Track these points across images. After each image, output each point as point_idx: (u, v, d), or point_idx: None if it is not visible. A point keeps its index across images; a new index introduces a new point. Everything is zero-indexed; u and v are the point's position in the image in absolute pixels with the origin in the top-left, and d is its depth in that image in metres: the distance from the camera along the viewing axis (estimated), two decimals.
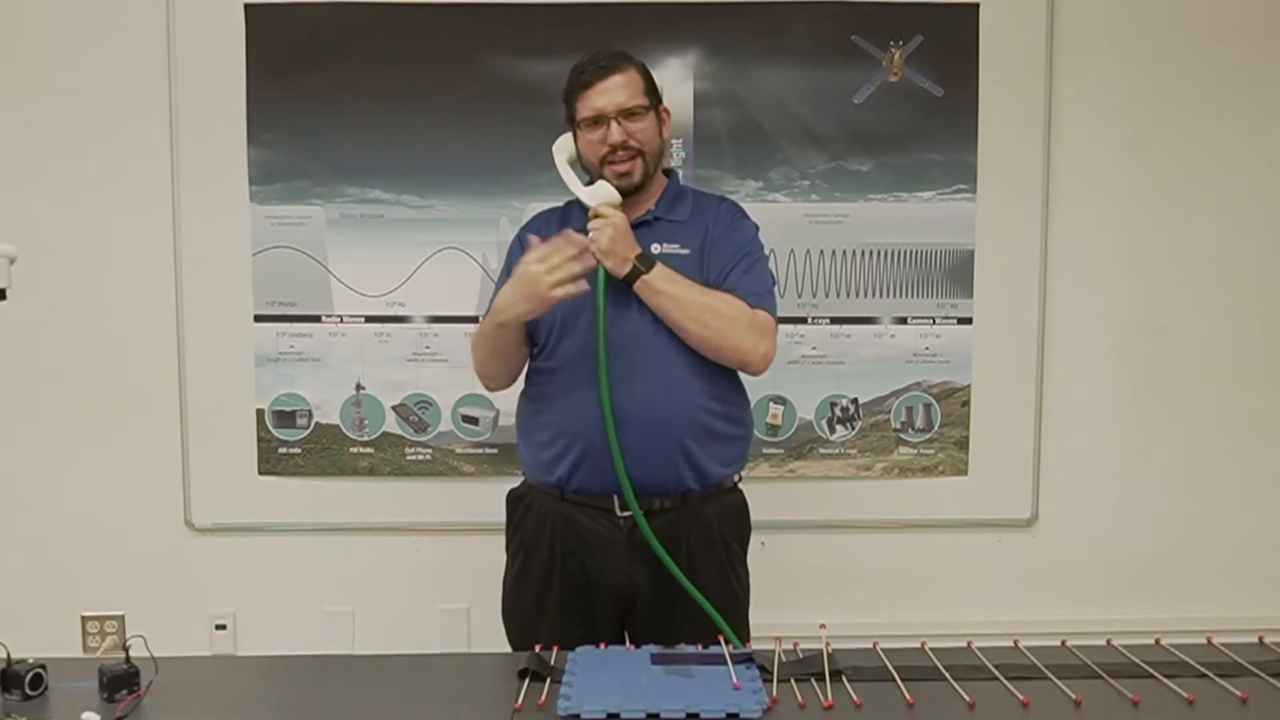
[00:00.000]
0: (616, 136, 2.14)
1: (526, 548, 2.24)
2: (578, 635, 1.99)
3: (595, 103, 2.14)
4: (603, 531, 2.16)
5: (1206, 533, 3.02)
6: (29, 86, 2.84)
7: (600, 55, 2.18)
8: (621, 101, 2.14)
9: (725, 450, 2.21)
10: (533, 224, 2.33)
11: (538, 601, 2.22)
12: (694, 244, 2.20)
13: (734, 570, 2.25)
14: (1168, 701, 1.66)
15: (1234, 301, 2.97)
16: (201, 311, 2.89)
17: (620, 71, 2.15)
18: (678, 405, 2.13)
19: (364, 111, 2.83)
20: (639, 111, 2.15)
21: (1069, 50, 2.87)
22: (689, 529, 2.17)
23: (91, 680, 1.68)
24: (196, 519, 2.95)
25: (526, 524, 2.24)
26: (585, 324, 2.13)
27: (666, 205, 2.24)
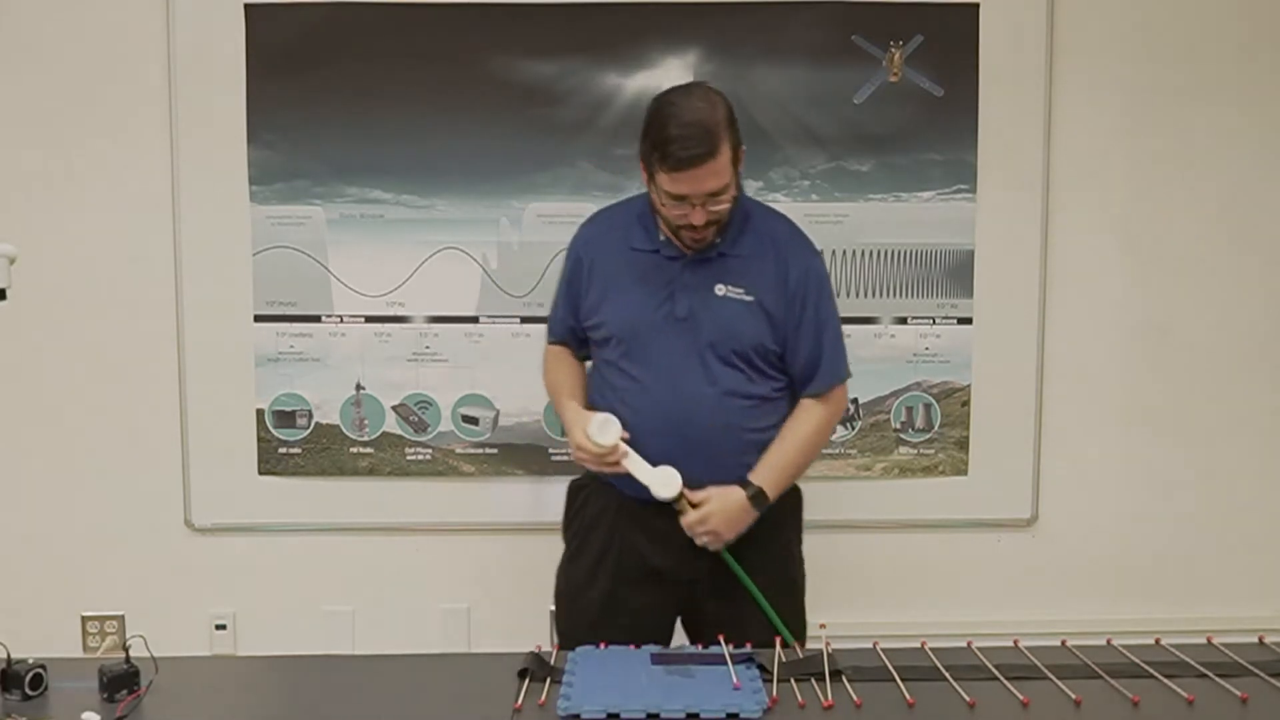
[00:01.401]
0: (699, 219, 2.09)
1: (584, 533, 2.29)
2: (626, 620, 2.13)
3: (681, 189, 2.06)
4: (661, 523, 2.18)
5: (1206, 533, 3.02)
6: (29, 86, 2.83)
7: (694, 134, 2.03)
8: (711, 189, 2.06)
9: None
10: (595, 226, 2.34)
11: (587, 585, 2.26)
12: (757, 289, 2.18)
13: (792, 559, 2.30)
14: (1168, 701, 1.66)
15: (1234, 301, 2.97)
16: (201, 311, 2.89)
17: (713, 158, 2.03)
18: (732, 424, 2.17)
19: (364, 111, 2.83)
20: (725, 191, 2.08)
21: (1069, 50, 2.87)
22: None
23: (91, 680, 1.68)
24: (196, 519, 2.95)
25: (587, 511, 2.29)
26: (654, 341, 2.17)
27: (732, 238, 2.19)
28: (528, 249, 2.88)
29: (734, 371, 2.17)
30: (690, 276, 2.18)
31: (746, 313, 2.17)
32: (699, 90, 2.14)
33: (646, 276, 2.20)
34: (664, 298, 2.18)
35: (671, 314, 2.17)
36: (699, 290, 2.17)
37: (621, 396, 2.20)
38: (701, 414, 2.16)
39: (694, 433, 2.15)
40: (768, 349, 2.19)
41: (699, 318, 2.16)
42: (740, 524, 2.14)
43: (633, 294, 2.20)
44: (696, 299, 2.17)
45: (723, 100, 2.11)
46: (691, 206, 2.07)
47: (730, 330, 2.16)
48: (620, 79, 2.84)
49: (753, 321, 2.17)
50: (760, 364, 2.19)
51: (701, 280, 2.17)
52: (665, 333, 2.17)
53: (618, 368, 2.22)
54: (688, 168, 2.03)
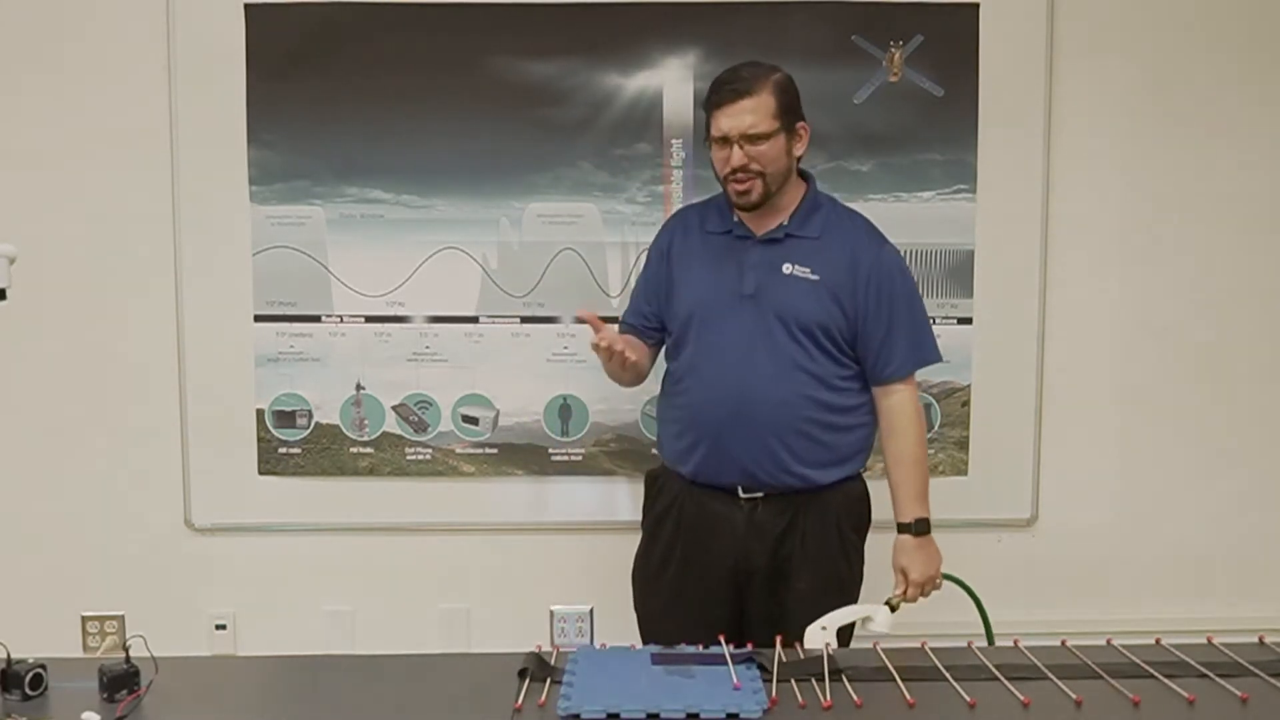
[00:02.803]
0: (737, 160, 2.21)
1: (655, 525, 2.41)
2: (693, 611, 2.30)
3: (721, 125, 2.22)
4: (725, 511, 2.30)
5: (1206, 533, 3.02)
6: (29, 87, 2.83)
7: (736, 74, 2.23)
8: (745, 127, 2.19)
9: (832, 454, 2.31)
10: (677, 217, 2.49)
11: (659, 574, 2.38)
12: (823, 271, 2.27)
13: (846, 557, 2.37)
14: (1168, 701, 1.66)
15: (1234, 301, 2.97)
16: (201, 311, 2.89)
17: (750, 95, 2.19)
18: (789, 412, 2.26)
19: (364, 111, 2.83)
20: (763, 136, 2.20)
21: (1069, 50, 2.87)
22: (806, 513, 2.31)
23: (91, 680, 1.68)
24: (196, 519, 2.95)
25: (660, 503, 2.40)
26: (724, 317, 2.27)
27: (800, 220, 2.30)
28: (528, 249, 2.88)
29: (799, 348, 2.26)
30: (759, 255, 2.28)
31: (811, 291, 2.25)
32: (760, 63, 2.27)
33: (719, 257, 2.32)
34: (734, 276, 2.28)
35: (739, 291, 2.27)
36: (766, 268, 2.27)
37: (691, 368, 2.31)
38: (764, 386, 2.25)
39: (754, 406, 2.24)
40: (831, 329, 2.26)
41: (765, 294, 2.26)
42: (932, 554, 2.30)
43: (705, 273, 2.33)
44: (763, 276, 2.26)
45: (782, 75, 2.26)
46: (731, 147, 2.19)
47: (794, 306, 2.25)
48: (620, 79, 2.84)
49: (817, 300, 2.25)
50: (825, 343, 2.27)
51: (770, 259, 2.27)
52: (734, 309, 2.27)
53: (690, 345, 2.32)
54: (726, 103, 2.20)
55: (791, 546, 2.29)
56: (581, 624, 2.99)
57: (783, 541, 2.30)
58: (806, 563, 2.29)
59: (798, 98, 2.27)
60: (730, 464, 2.28)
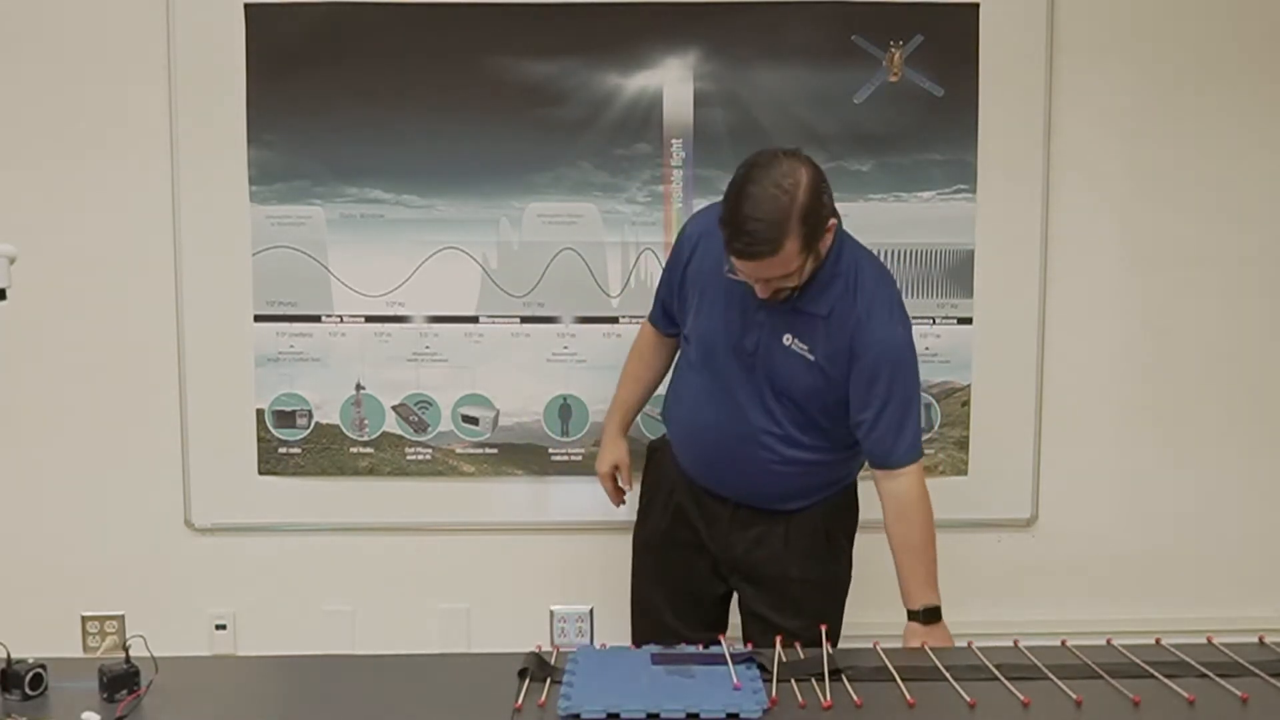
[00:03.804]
0: (763, 293, 2.12)
1: (651, 492, 2.50)
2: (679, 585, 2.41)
3: (741, 270, 2.09)
4: (711, 503, 2.37)
5: (1207, 533, 3.02)
6: (29, 86, 2.83)
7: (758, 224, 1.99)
8: (769, 277, 2.08)
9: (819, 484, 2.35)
10: (702, 231, 2.31)
11: (649, 542, 2.48)
12: (821, 352, 2.19)
13: (835, 557, 2.40)
14: (1168, 701, 1.67)
15: (1235, 301, 2.97)
16: (201, 311, 2.89)
17: (773, 254, 2.01)
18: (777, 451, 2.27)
19: (364, 111, 2.83)
20: (788, 276, 2.08)
21: (1069, 50, 2.87)
22: (788, 519, 2.34)
23: (91, 680, 1.68)
24: (196, 519, 2.95)
25: (656, 473, 2.49)
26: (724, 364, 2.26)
27: (813, 294, 2.16)
28: (528, 249, 2.88)
29: (787, 414, 2.25)
30: (765, 317, 2.21)
31: (807, 369, 2.21)
32: (782, 169, 2.02)
33: (732, 302, 2.23)
34: (739, 328, 2.23)
35: (742, 345, 2.24)
36: (769, 332, 2.21)
37: (684, 399, 2.38)
38: (748, 441, 2.27)
39: (736, 455, 2.28)
40: (825, 403, 2.23)
41: (762, 357, 2.23)
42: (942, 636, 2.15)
43: (716, 312, 2.27)
44: (764, 339, 2.22)
45: (808, 179, 2.02)
46: (755, 281, 2.10)
47: (787, 379, 2.22)
48: (620, 79, 2.84)
49: (810, 378, 2.21)
50: (815, 414, 2.25)
51: (773, 324, 2.21)
52: (734, 360, 2.26)
53: (694, 369, 2.35)
54: (747, 259, 2.04)
55: (778, 543, 2.34)
56: (581, 624, 3.00)
57: (766, 540, 2.34)
58: (791, 560, 2.33)
59: (824, 202, 2.04)
60: (715, 481, 2.36)
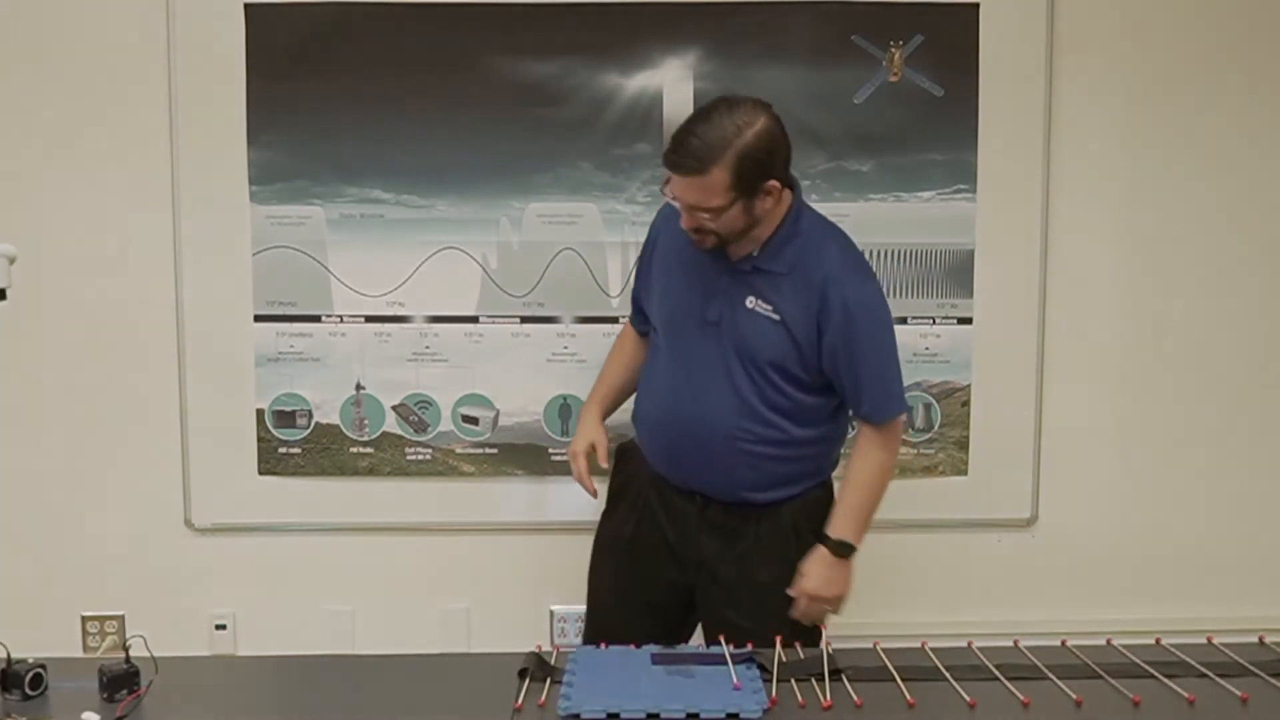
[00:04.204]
0: (685, 224, 2.13)
1: (618, 494, 2.43)
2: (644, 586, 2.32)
3: (672, 185, 2.10)
4: (679, 502, 2.30)
5: (1206, 533, 3.02)
6: (29, 86, 2.83)
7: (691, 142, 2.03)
8: (691, 201, 2.08)
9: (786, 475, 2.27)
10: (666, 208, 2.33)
11: (612, 543, 2.41)
12: (786, 310, 2.17)
13: (804, 555, 2.29)
14: (1168, 701, 1.67)
15: (1234, 301, 2.97)
16: (201, 311, 2.89)
17: (699, 174, 2.03)
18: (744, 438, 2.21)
19: (364, 111, 2.83)
20: (714, 210, 2.07)
21: (1069, 50, 2.87)
22: (759, 517, 2.27)
23: (91, 680, 1.68)
24: (196, 519, 2.95)
25: (623, 475, 2.43)
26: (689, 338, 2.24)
27: (771, 252, 2.18)
28: (528, 249, 2.88)
29: (754, 384, 2.20)
30: (727, 283, 2.21)
31: (771, 329, 2.18)
32: (745, 109, 2.07)
33: (693, 274, 2.24)
34: (701, 299, 2.22)
35: (705, 316, 2.21)
36: (731, 298, 2.20)
37: (655, 380, 2.32)
38: (715, 416, 2.21)
39: (704, 434, 2.21)
40: (789, 367, 2.19)
41: (727, 324, 2.20)
42: (838, 577, 2.21)
43: (679, 288, 2.27)
44: (727, 306, 2.20)
45: (764, 128, 2.05)
46: (682, 208, 2.12)
47: (752, 342, 2.18)
48: (620, 79, 2.83)
49: (775, 340, 2.18)
50: (780, 380, 2.20)
51: (735, 289, 2.20)
52: (698, 332, 2.23)
53: (660, 352, 2.32)
54: (673, 172, 2.08)
55: (747, 543, 2.26)
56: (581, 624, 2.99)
57: (735, 537, 2.26)
58: (762, 560, 2.25)
59: (771, 154, 2.07)
60: (683, 473, 2.29)
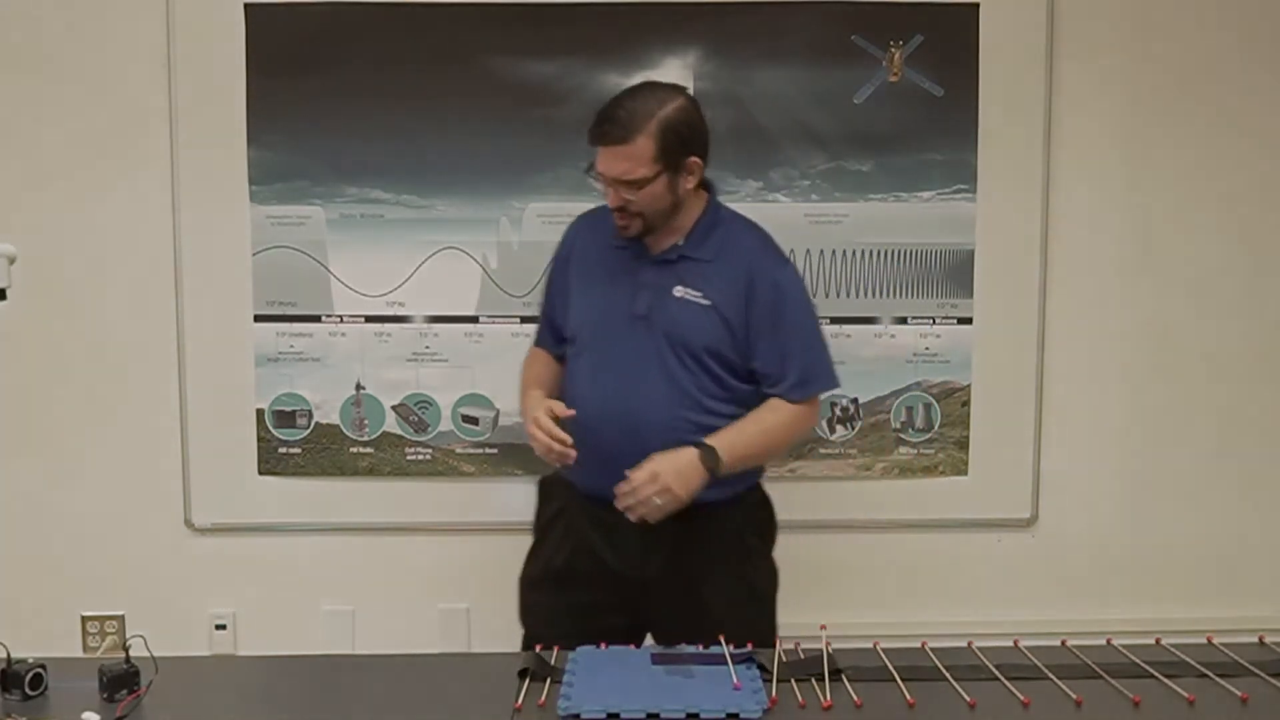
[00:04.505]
0: (612, 202, 2.15)
1: (545, 529, 2.34)
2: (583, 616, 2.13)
3: (598, 164, 2.14)
4: (615, 520, 2.17)
5: (1206, 533, 3.02)
6: (29, 86, 2.83)
7: (616, 111, 2.11)
8: (618, 173, 2.11)
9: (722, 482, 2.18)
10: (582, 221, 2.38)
11: (542, 579, 2.31)
12: (716, 295, 2.18)
13: (753, 563, 2.28)
14: (1168, 701, 1.67)
15: (1234, 302, 2.97)
16: (201, 311, 2.89)
17: (625, 142, 2.08)
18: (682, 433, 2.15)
19: (364, 111, 2.83)
20: (639, 182, 2.10)
21: (1069, 50, 2.87)
22: (704, 523, 2.19)
23: (91, 680, 1.68)
24: (196, 519, 2.95)
25: (549, 506, 2.34)
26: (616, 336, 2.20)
27: (695, 241, 2.21)
28: (528, 249, 2.88)
29: (689, 373, 2.18)
30: (652, 275, 2.21)
31: (702, 315, 2.18)
32: (664, 89, 2.17)
33: (615, 273, 2.24)
34: (628, 295, 2.21)
35: (632, 311, 2.20)
36: (658, 290, 2.20)
37: (582, 385, 2.23)
38: (651, 410, 2.16)
39: (641, 430, 2.15)
40: (722, 353, 2.19)
41: (656, 316, 2.18)
42: (692, 481, 2.08)
43: (601, 289, 2.25)
44: (655, 297, 2.19)
45: (684, 105, 2.13)
46: (609, 186, 2.13)
47: (684, 330, 2.17)
48: (620, 79, 2.82)
49: (707, 325, 2.17)
50: (715, 367, 2.19)
51: (662, 280, 2.20)
52: (626, 329, 2.20)
53: (582, 359, 2.26)
54: (599, 144, 2.11)
55: (692, 556, 2.19)
56: None
57: (680, 551, 2.19)
58: (712, 573, 2.20)
59: (692, 130, 2.12)
60: (619, 481, 2.15)
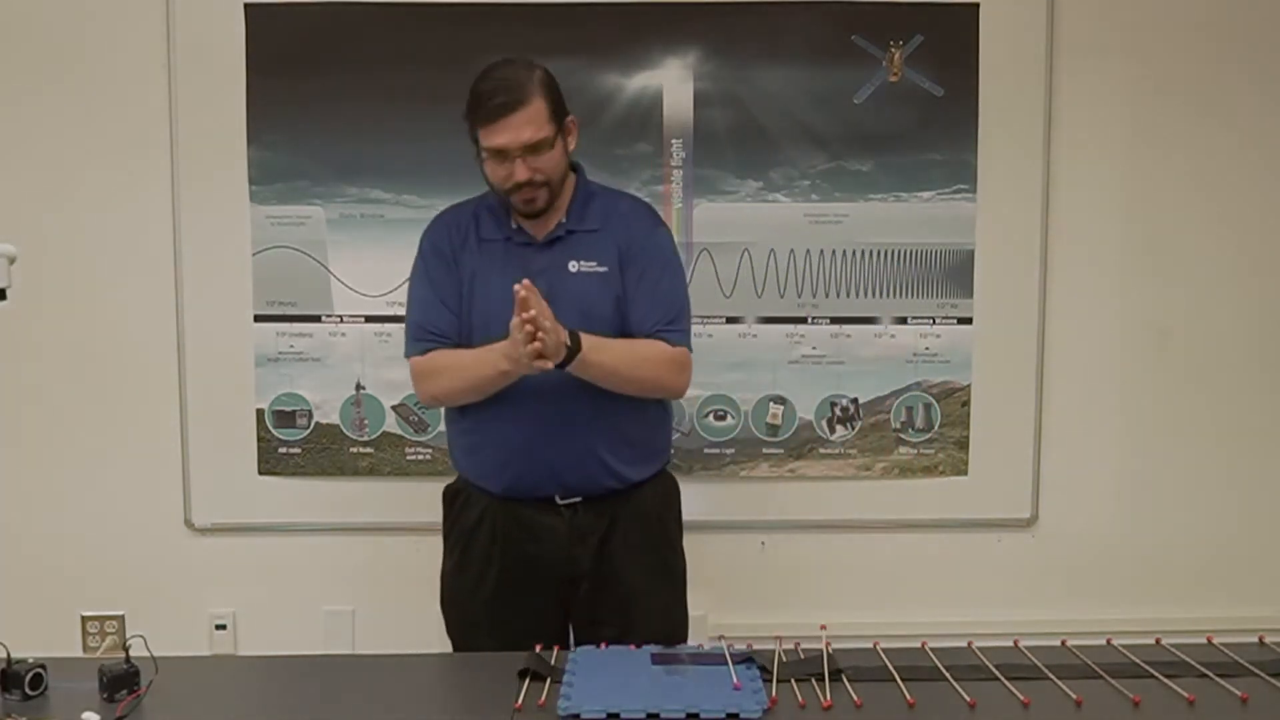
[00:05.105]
0: (521, 175, 2.11)
1: (466, 538, 2.26)
2: (518, 622, 2.11)
3: (497, 140, 2.10)
4: (543, 519, 2.20)
5: (1206, 533, 3.02)
6: (29, 86, 2.83)
7: (501, 83, 2.10)
8: (525, 139, 2.09)
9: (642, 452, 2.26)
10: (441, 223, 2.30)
11: (475, 589, 2.25)
12: (609, 259, 2.20)
13: (671, 546, 2.32)
14: (1168, 701, 1.67)
15: (1234, 302, 2.97)
16: (201, 311, 2.89)
17: (524, 106, 2.08)
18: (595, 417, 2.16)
19: (364, 111, 2.83)
20: (543, 145, 2.11)
21: (1069, 50, 2.87)
22: (625, 511, 2.23)
23: (91, 680, 1.68)
24: (196, 519, 2.95)
25: (468, 515, 2.26)
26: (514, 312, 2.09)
27: (577, 214, 2.22)
28: None
29: None
30: (544, 258, 2.19)
31: (602, 282, 2.18)
32: (515, 61, 2.15)
33: (502, 266, 2.18)
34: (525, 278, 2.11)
35: None
36: (554, 270, 2.17)
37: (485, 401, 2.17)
38: (573, 393, 2.13)
39: (567, 415, 2.14)
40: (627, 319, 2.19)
41: (557, 296, 2.10)
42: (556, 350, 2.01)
43: (494, 284, 2.17)
44: (553, 279, 2.15)
45: (543, 71, 2.14)
46: (512, 161, 2.10)
47: (585, 303, 2.15)
48: (620, 79, 2.84)
49: (608, 292, 2.18)
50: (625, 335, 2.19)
51: (555, 260, 2.18)
52: None
53: None
54: (499, 117, 2.08)
55: (616, 545, 2.22)
56: None
57: (606, 541, 2.21)
58: (634, 558, 2.23)
59: (560, 90, 2.17)
60: (545, 476, 2.18)
